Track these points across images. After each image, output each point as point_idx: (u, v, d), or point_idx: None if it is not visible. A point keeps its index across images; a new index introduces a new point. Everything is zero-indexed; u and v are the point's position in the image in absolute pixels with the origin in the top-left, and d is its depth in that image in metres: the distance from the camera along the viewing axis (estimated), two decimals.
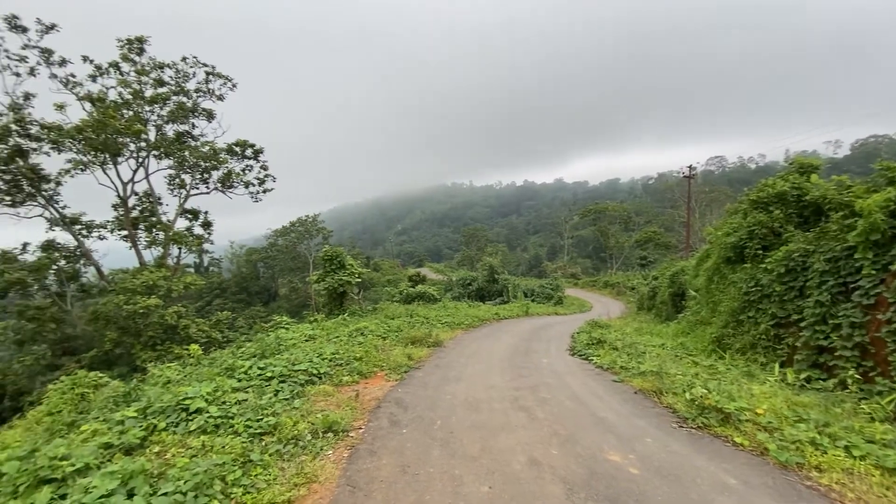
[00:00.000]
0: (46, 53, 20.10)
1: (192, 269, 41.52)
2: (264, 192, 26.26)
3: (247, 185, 25.29)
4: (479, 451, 4.58)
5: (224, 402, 5.33)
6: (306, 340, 10.09)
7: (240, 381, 6.33)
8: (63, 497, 3.34)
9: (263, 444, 4.58)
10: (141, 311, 15.66)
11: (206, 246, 23.80)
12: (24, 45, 19.63)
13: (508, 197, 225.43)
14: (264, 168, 25.95)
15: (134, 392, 5.92)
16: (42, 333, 18.54)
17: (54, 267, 20.19)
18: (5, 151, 18.57)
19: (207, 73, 23.25)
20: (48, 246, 20.64)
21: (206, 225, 24.37)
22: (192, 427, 4.73)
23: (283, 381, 6.59)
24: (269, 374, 6.70)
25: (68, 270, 20.94)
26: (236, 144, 24.58)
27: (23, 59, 19.73)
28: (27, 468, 3.71)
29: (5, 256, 19.53)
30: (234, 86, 24.48)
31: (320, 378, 7.23)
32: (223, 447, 4.28)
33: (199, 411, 5.02)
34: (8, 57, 19.39)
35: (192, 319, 18.20)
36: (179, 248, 21.77)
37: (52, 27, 20.06)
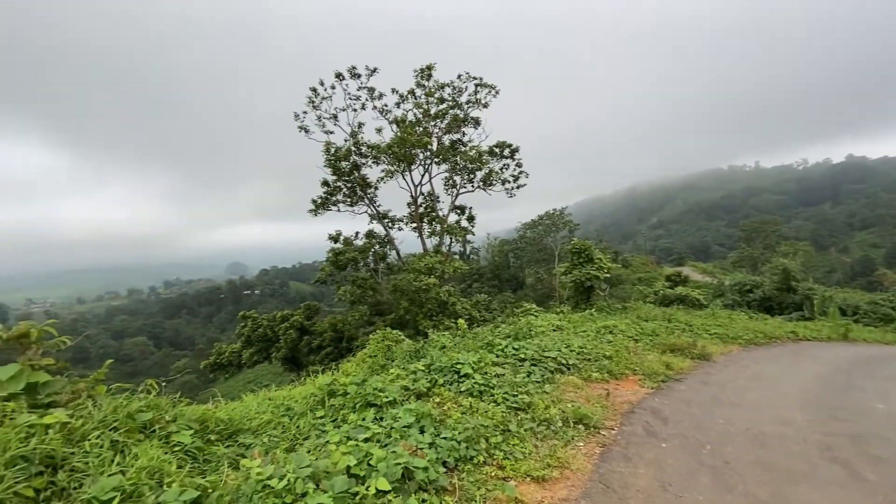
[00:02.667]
0: (371, 91, 27.01)
1: (457, 256, 48.81)
2: (518, 187, 28.17)
3: (503, 182, 27.68)
4: (768, 496, 3.68)
5: (486, 373, 6.02)
6: (554, 330, 10.34)
7: (497, 357, 7.04)
8: (381, 419, 4.48)
9: (519, 418, 4.95)
10: (423, 287, 19.48)
11: (469, 237, 27.49)
12: (359, 87, 26.91)
13: (817, 179, 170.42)
14: (519, 165, 27.82)
15: (422, 351, 7.39)
16: (364, 298, 25.50)
17: (372, 250, 27.34)
18: (347, 167, 26.11)
19: (476, 85, 26.49)
20: (369, 234, 28.04)
21: (471, 219, 28.02)
22: (462, 388, 5.56)
23: (534, 365, 6.96)
24: (522, 356, 7.20)
25: (380, 253, 27.97)
26: (496, 146, 27.18)
27: (357, 99, 27.12)
28: (360, 392, 5.14)
29: (346, 241, 27.60)
30: (496, 93, 27.04)
31: (569, 369, 7.29)
32: (486, 412, 4.85)
33: (467, 376, 5.84)
34: (349, 98, 27.01)
35: (457, 298, 21.44)
36: (450, 238, 25.90)
37: (374, 70, 26.77)
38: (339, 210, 27.13)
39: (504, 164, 27.55)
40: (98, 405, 3.41)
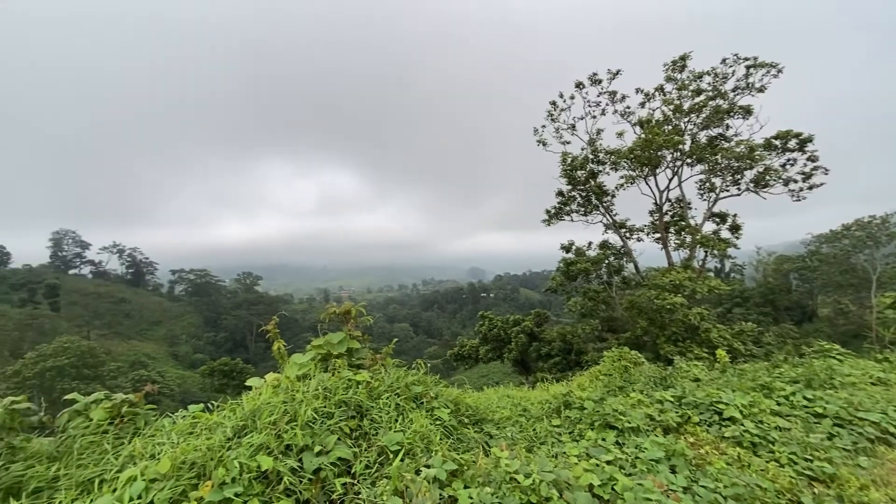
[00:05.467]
0: (612, 95, 25.74)
1: (711, 273, 41.15)
2: (809, 188, 21.81)
3: (786, 182, 21.88)
4: None
5: (761, 422, 4.82)
6: (873, 383, 7.44)
7: (779, 405, 5.53)
8: (622, 444, 4.14)
9: (815, 491, 3.74)
10: (667, 306, 17.18)
11: (730, 250, 22.76)
12: (599, 93, 26.02)
13: None
14: (812, 160, 21.48)
15: (669, 379, 6.50)
16: (596, 311, 24.42)
17: (606, 261, 25.94)
18: (583, 175, 25.58)
19: (748, 67, 21.88)
20: (603, 245, 26.72)
21: (735, 228, 23.17)
22: (725, 433, 4.60)
23: (839, 426, 5.15)
24: (818, 410, 5.43)
25: (615, 265, 26.27)
26: (776, 137, 21.74)
27: (597, 105, 26.25)
28: (598, 410, 4.89)
29: (578, 251, 27.07)
30: (778, 72, 21.68)
31: None
32: (762, 470, 3.87)
33: (732, 420, 4.82)
34: (589, 105, 26.40)
35: (713, 323, 18.00)
36: (705, 252, 22.06)
37: (617, 73, 25.42)
38: (572, 220, 26.92)
39: (788, 160, 21.80)
40: (387, 373, 4.33)
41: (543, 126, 26.75)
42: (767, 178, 21.83)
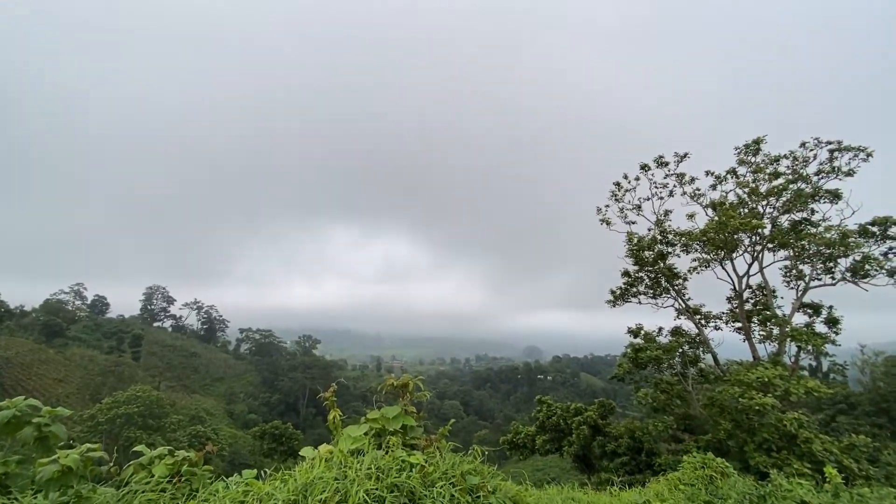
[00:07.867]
0: (680, 177, 25.29)
1: (805, 373, 36.03)
2: None
3: (891, 273, 19.42)
4: None
5: None
6: None
7: None
8: None
9: None
10: (756, 407, 15.02)
11: (826, 346, 19.91)
12: (666, 175, 25.69)
13: None
14: None
15: (769, 498, 5.47)
16: (669, 406, 21.86)
17: (680, 350, 23.70)
18: (651, 256, 24.52)
19: (831, 151, 20.76)
20: (675, 331, 24.61)
21: (832, 322, 20.48)
22: None
23: None
24: None
25: (690, 355, 23.85)
26: (873, 224, 19.79)
27: (664, 186, 25.81)
28: None
29: (647, 337, 25.10)
30: (868, 155, 20.31)
31: None
32: None
33: None
34: (655, 186, 26.01)
35: (814, 433, 15.33)
36: (797, 347, 19.50)
37: (684, 156, 25.19)
38: (639, 302, 25.45)
39: (891, 248, 19.55)
40: (442, 457, 4.04)
41: (607, 206, 26.55)
42: (867, 267, 19.55)
